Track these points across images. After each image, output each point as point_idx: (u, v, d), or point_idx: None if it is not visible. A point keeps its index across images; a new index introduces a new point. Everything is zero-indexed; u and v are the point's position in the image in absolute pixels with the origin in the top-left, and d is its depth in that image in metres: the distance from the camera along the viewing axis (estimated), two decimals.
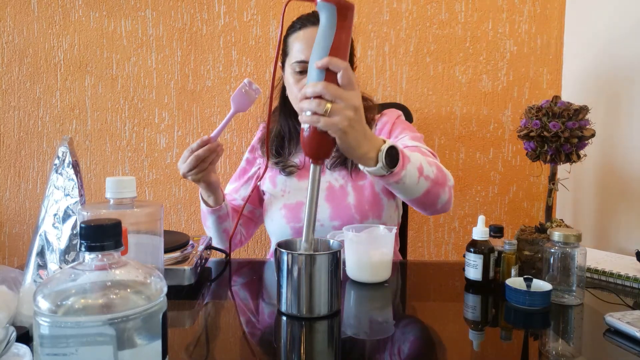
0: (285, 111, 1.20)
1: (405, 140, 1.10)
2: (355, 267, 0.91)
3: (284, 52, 1.13)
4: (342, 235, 0.92)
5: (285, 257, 0.73)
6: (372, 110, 1.19)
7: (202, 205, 1.13)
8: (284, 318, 0.74)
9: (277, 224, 1.15)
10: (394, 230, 0.93)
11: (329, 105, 0.71)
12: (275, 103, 1.21)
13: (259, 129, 1.29)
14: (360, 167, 0.84)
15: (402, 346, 0.66)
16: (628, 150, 1.29)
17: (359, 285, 0.90)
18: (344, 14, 0.72)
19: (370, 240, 0.91)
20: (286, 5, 0.78)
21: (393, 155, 0.82)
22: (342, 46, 0.73)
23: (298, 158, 1.20)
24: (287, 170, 1.17)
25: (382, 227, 0.94)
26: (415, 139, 1.11)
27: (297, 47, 1.07)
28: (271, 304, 0.82)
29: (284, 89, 1.17)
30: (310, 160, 0.75)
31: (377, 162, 0.81)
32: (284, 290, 0.74)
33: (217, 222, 1.13)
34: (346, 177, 1.14)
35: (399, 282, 0.96)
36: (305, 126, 0.74)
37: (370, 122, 1.17)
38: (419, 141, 1.11)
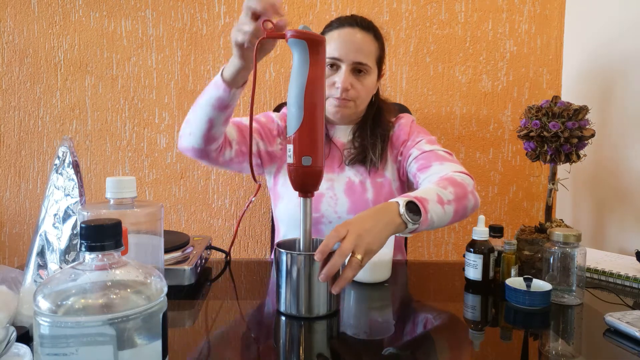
0: None
1: (422, 144, 1.13)
2: None
3: None
4: None
5: (284, 257, 0.73)
6: (391, 113, 1.21)
7: (215, 79, 0.95)
8: (283, 318, 0.75)
9: (292, 213, 1.15)
10: None
11: (359, 256, 0.73)
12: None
13: (282, 115, 1.24)
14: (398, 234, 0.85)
15: (402, 346, 0.66)
16: (628, 150, 1.29)
17: (359, 285, 0.90)
18: (315, 49, 0.71)
19: None
20: (258, 44, 0.77)
21: (412, 209, 0.83)
22: (317, 81, 0.72)
23: None
24: None
25: None
26: (430, 142, 1.13)
27: (331, 45, 1.09)
28: (271, 303, 0.82)
29: None
30: (299, 194, 0.76)
31: (405, 224, 0.81)
32: (283, 290, 0.74)
33: (215, 104, 0.95)
34: (364, 174, 1.15)
35: (399, 282, 0.96)
36: (290, 160, 0.74)
37: (388, 124, 1.19)
38: (434, 144, 1.13)
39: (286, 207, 1.17)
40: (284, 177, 1.20)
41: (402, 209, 0.80)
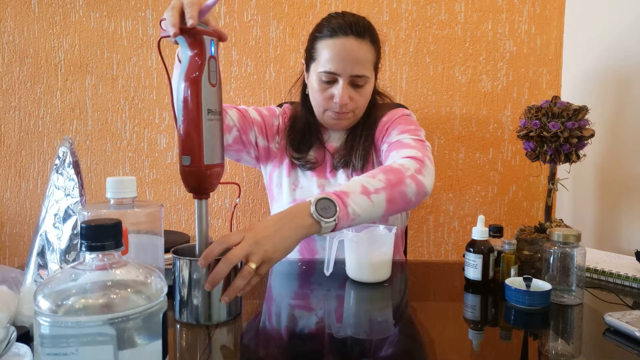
0: (305, 108, 1.18)
1: (392, 136, 1.08)
2: (355, 267, 0.91)
3: (309, 54, 1.10)
4: (342, 235, 0.92)
5: (177, 263, 0.70)
6: (384, 109, 1.18)
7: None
8: (178, 326, 0.71)
9: None
10: (394, 230, 0.93)
11: (252, 265, 0.69)
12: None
13: (283, 113, 1.22)
14: (318, 237, 0.80)
15: (402, 346, 0.66)
16: (627, 150, 1.29)
17: (359, 285, 0.90)
18: (194, 44, 0.70)
19: (370, 240, 0.91)
20: (159, 43, 0.75)
21: (327, 205, 0.79)
22: (195, 78, 0.69)
23: (314, 153, 1.19)
24: (308, 166, 1.16)
25: (381, 226, 0.94)
26: (402, 132, 1.07)
27: (325, 56, 1.04)
28: (270, 302, 0.82)
29: (304, 86, 1.16)
30: (193, 196, 0.71)
31: (319, 224, 0.77)
32: (178, 298, 0.71)
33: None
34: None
35: (399, 282, 0.96)
36: (185, 161, 0.69)
37: (376, 119, 1.16)
38: (404, 132, 1.07)
39: (281, 209, 1.16)
40: (278, 176, 1.20)
41: (312, 208, 0.77)
